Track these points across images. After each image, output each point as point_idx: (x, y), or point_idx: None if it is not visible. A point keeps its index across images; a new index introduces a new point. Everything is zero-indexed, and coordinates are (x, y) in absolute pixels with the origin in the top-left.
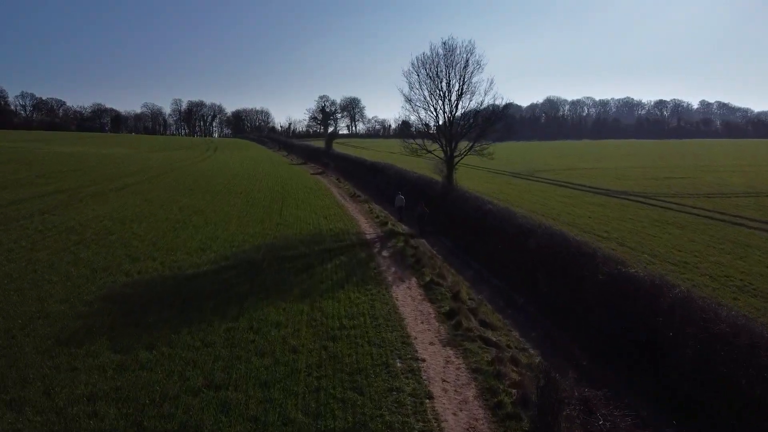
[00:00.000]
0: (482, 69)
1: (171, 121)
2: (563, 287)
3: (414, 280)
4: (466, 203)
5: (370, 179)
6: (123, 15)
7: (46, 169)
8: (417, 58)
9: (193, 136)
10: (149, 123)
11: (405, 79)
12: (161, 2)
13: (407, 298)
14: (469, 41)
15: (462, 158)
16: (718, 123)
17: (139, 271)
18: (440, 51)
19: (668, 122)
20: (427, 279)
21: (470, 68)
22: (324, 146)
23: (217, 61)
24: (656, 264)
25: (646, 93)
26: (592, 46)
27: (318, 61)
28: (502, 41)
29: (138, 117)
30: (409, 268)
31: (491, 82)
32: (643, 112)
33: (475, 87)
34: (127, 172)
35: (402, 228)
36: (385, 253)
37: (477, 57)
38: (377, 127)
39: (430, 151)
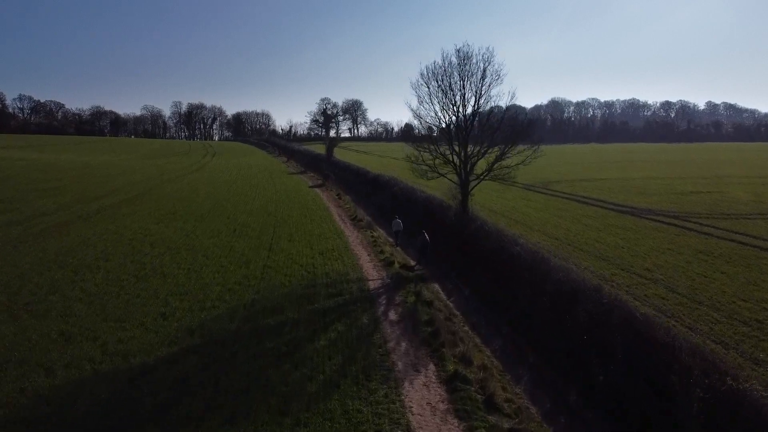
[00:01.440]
0: (502, 80)
1: (171, 124)
2: (633, 387)
3: (432, 368)
4: (487, 240)
5: (373, 195)
6: (122, 16)
7: (16, 187)
8: (427, 68)
9: (193, 140)
10: (149, 126)
11: (413, 91)
12: (161, 3)
13: (426, 410)
14: (487, 48)
15: (479, 183)
16: (729, 126)
17: (68, 364)
18: (453, 59)
19: (677, 125)
20: (450, 369)
21: (488, 79)
22: (325, 153)
23: (218, 63)
24: (723, 323)
25: (652, 94)
26: (597, 46)
27: (320, 61)
28: (506, 42)
29: (138, 120)
30: (425, 344)
31: (513, 96)
32: (649, 113)
33: (494, 101)
34: (107, 188)
35: (412, 267)
36: (392, 315)
37: (496, 66)
38: (380, 130)
39: (442, 174)
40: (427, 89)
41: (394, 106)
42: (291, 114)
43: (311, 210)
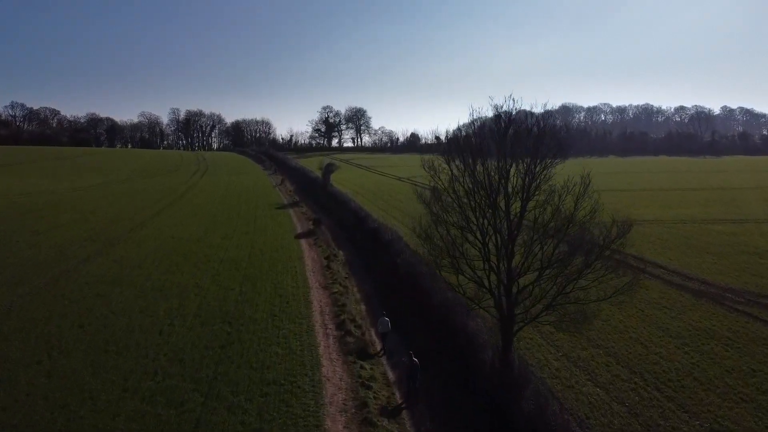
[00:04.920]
0: (566, 156)
1: (169, 132)
2: None
3: None
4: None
5: (372, 254)
6: (120, 20)
7: None
8: (447, 136)
9: (191, 148)
10: (146, 133)
11: (426, 170)
12: (159, 6)
13: None
14: (544, 106)
15: (529, 323)
16: (757, 138)
17: None
18: (490, 123)
19: (700, 135)
20: None
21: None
22: (321, 176)
23: (218, 69)
24: None
25: (666, 98)
26: (606, 48)
27: (321, 67)
28: (513, 43)
29: (135, 127)
30: None
31: (588, 185)
32: (663, 119)
33: (552, 190)
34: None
35: (399, 407)
36: None
37: (560, 134)
38: (384, 139)
39: (478, 305)
40: (448, 168)
41: (399, 114)
42: (292, 122)
43: (287, 301)
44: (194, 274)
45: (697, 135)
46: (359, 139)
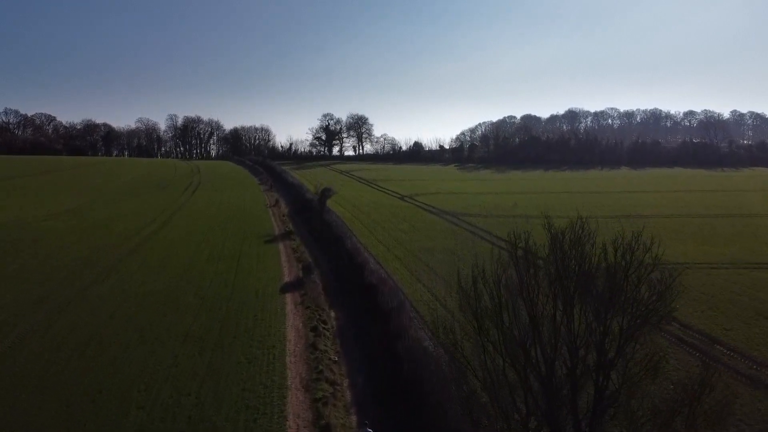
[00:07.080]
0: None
1: (167, 138)
2: None
3: None
4: None
5: (372, 323)
6: (117, 24)
7: None
8: (475, 272)
9: (188, 156)
10: (143, 140)
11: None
12: (159, 10)
13: None
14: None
15: None
16: None
17: None
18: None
19: (717, 144)
20: None
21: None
22: (318, 200)
23: (217, 75)
24: None
25: (674, 103)
26: (613, 51)
27: (322, 71)
28: (517, 47)
29: (132, 133)
30: None
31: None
32: (671, 123)
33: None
34: None
35: None
36: None
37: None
38: (386, 147)
39: None
40: (472, 323)
41: (401, 118)
42: (292, 129)
43: (254, 418)
44: (145, 365)
45: (712, 144)
46: (361, 148)
